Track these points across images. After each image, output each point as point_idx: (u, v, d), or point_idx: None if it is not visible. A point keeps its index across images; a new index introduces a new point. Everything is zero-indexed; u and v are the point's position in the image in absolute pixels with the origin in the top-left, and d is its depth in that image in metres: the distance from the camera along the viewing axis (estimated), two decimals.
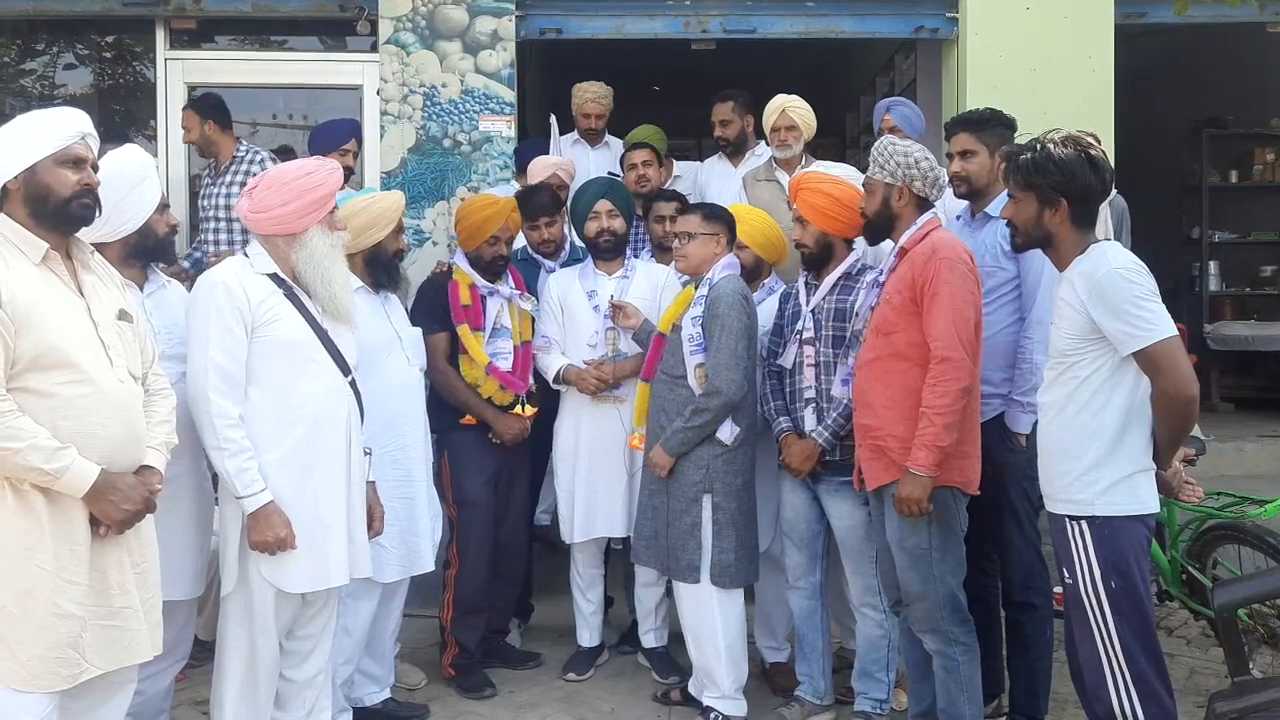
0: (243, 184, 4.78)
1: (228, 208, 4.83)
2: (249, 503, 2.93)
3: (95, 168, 2.60)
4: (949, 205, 3.77)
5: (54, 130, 2.53)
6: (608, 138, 5.44)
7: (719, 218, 3.75)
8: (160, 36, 5.46)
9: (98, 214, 2.62)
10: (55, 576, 2.42)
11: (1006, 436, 3.42)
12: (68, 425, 2.44)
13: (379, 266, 3.60)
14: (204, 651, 3.59)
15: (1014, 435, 3.42)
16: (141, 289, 3.08)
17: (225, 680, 3.07)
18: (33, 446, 2.36)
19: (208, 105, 5.03)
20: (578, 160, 5.09)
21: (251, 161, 4.93)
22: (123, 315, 2.66)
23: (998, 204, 3.42)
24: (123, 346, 2.61)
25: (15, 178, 2.49)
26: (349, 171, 4.72)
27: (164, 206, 3.10)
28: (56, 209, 2.51)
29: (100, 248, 3.02)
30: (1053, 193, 2.80)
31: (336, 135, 4.74)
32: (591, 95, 5.40)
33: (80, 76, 5.88)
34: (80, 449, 2.44)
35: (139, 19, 5.48)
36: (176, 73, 5.48)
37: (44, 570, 2.41)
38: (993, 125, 3.56)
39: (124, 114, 5.79)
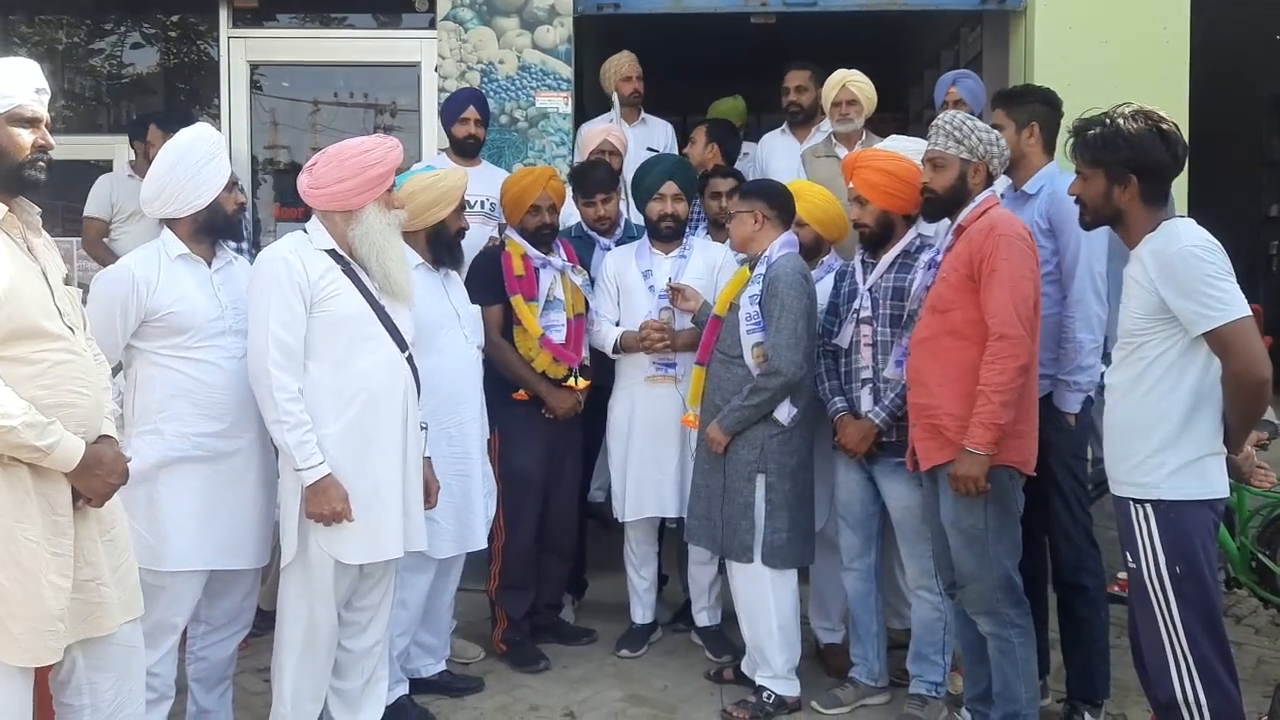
0: None
1: None
2: (308, 475, 2.97)
3: (49, 127, 2.43)
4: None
5: (6, 85, 2.36)
6: (644, 115, 5.35)
7: (778, 196, 3.71)
8: (223, 15, 5.55)
9: (43, 178, 2.44)
10: (44, 550, 2.34)
11: (1054, 415, 3.36)
12: (47, 395, 2.33)
13: (440, 245, 3.61)
14: (266, 621, 3.66)
15: (1062, 415, 3.37)
16: (209, 264, 3.12)
17: (285, 649, 3.13)
18: (25, 423, 2.26)
19: (173, 123, 4.99)
20: None
21: None
22: (67, 280, 2.53)
23: (1035, 181, 3.43)
24: (74, 313, 2.49)
25: None
26: (474, 141, 4.71)
27: (232, 184, 3.13)
28: (10, 172, 2.35)
29: (170, 223, 3.08)
30: (1122, 169, 2.71)
31: (455, 105, 4.73)
32: (627, 60, 5.23)
33: (146, 55, 5.99)
34: (60, 420, 2.34)
35: None
36: (239, 51, 5.56)
37: (32, 543, 2.33)
38: (1025, 100, 3.52)
39: (188, 92, 5.90)
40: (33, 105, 2.40)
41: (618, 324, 4.11)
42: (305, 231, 3.17)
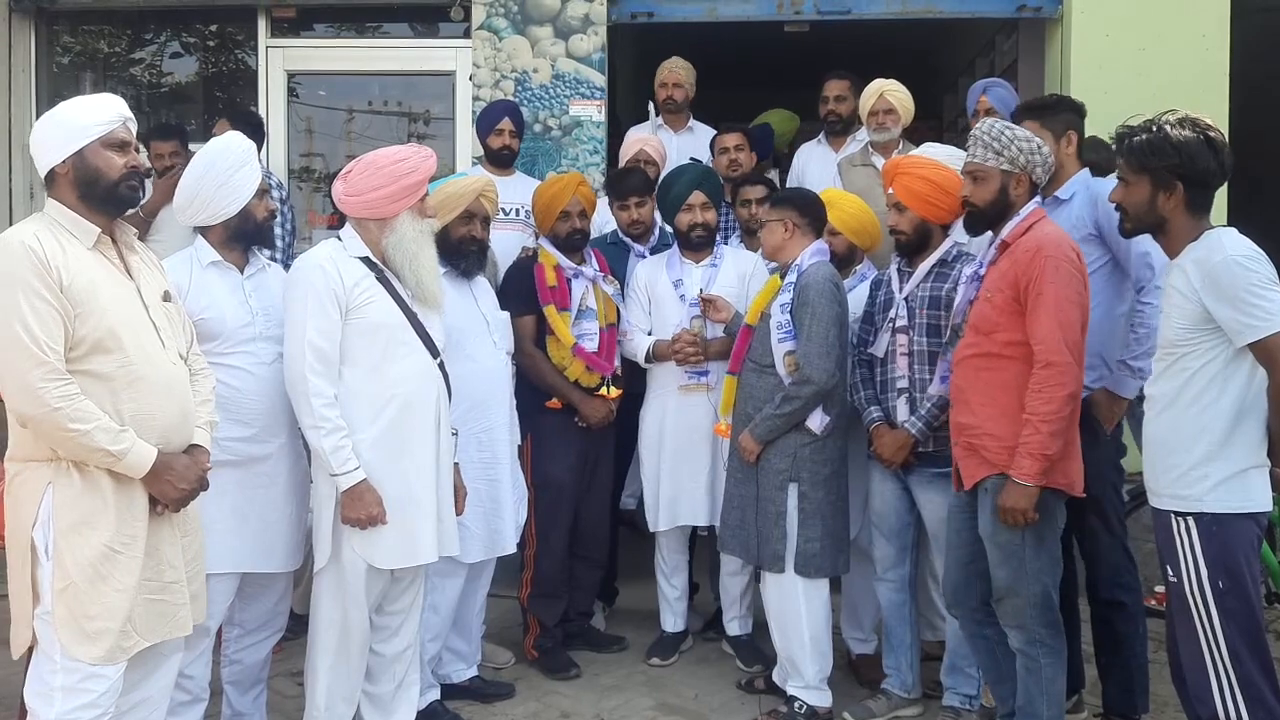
0: None
1: None
2: (343, 480, 2.99)
3: (138, 150, 2.67)
4: None
5: (99, 115, 2.59)
6: (691, 122, 5.35)
7: (808, 205, 3.70)
8: (261, 25, 5.62)
9: (142, 196, 2.70)
10: (116, 552, 2.49)
11: (1089, 426, 3.29)
12: (128, 408, 2.52)
13: (442, 251, 3.45)
14: (300, 624, 3.69)
15: (1100, 426, 3.33)
16: (241, 272, 3.15)
17: (319, 652, 3.15)
18: (99, 428, 2.44)
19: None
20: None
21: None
22: (166, 297, 2.72)
23: (1069, 188, 3.41)
24: (170, 328, 2.68)
25: (64, 162, 2.55)
26: (509, 152, 4.74)
27: (263, 191, 3.16)
28: (107, 191, 2.57)
29: (202, 231, 3.12)
30: (1169, 176, 2.67)
31: (491, 117, 4.77)
32: (670, 65, 5.24)
33: (185, 65, 6.06)
34: (139, 430, 2.51)
35: (242, 8, 5.64)
36: (277, 60, 5.63)
37: (105, 546, 2.48)
38: (1058, 111, 3.49)
39: (227, 101, 5.96)
40: (121, 132, 2.62)
41: (650, 334, 4.11)
42: (340, 239, 3.19)
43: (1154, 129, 2.71)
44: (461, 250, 3.60)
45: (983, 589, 3.16)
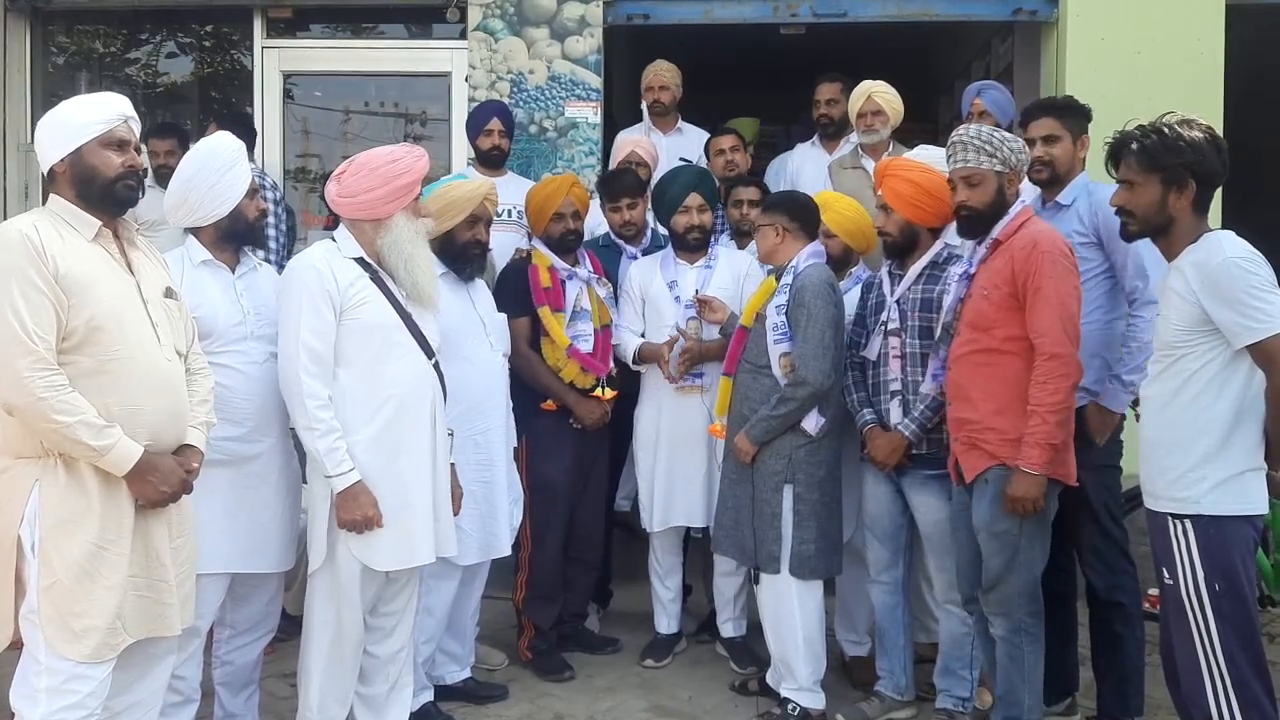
0: None
1: None
2: (338, 482, 2.98)
3: (138, 150, 2.67)
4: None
5: (98, 114, 2.59)
6: (681, 124, 5.32)
7: (799, 209, 3.69)
8: (257, 25, 5.61)
9: (141, 195, 2.69)
10: (103, 550, 2.49)
11: (1089, 431, 3.32)
12: (117, 402, 2.50)
13: (447, 256, 3.53)
14: (292, 625, 3.68)
15: (1093, 432, 3.33)
16: (233, 271, 3.15)
17: (312, 653, 3.14)
18: (82, 422, 2.43)
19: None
20: None
21: None
22: (169, 293, 2.72)
23: (1069, 192, 3.42)
24: (169, 325, 2.67)
25: (62, 160, 2.56)
26: (499, 152, 4.74)
27: (253, 191, 3.16)
28: (103, 190, 2.57)
29: (194, 231, 3.12)
30: (1184, 173, 2.68)
31: (480, 118, 4.78)
32: (654, 69, 5.23)
33: (181, 65, 6.06)
34: (127, 426, 2.50)
35: (238, 8, 5.63)
36: (273, 61, 5.62)
37: (91, 543, 2.48)
38: (1073, 113, 3.50)
39: (222, 101, 5.95)
40: (121, 131, 2.60)
41: (642, 335, 4.11)
42: (334, 240, 3.19)
43: (1165, 129, 2.72)
44: (467, 254, 3.61)
45: None
